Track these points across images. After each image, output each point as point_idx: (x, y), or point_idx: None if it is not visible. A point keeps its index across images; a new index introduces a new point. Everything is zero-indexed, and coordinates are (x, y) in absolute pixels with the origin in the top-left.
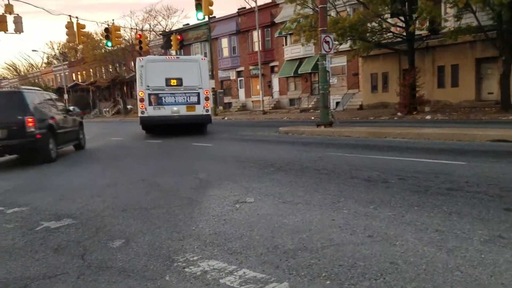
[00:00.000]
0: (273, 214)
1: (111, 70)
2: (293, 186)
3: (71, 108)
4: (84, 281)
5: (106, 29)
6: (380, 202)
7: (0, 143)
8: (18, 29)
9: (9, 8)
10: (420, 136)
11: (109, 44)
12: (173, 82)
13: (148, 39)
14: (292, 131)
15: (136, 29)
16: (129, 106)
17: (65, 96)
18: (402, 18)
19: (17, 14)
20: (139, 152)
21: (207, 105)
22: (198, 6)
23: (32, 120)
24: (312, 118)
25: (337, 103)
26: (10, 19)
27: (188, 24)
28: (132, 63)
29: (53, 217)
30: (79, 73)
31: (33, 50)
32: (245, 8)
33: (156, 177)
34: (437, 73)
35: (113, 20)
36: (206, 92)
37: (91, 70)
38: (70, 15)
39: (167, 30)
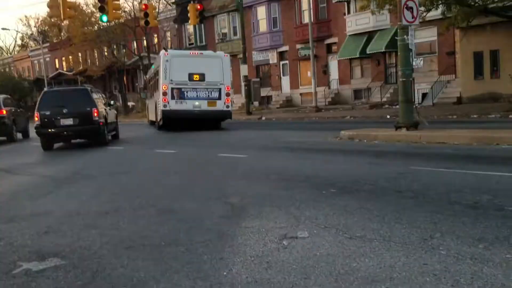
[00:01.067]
0: (336, 254)
1: (106, 54)
2: (364, 214)
3: (111, 102)
4: None
5: None
6: (494, 239)
7: (73, 129)
8: None
9: None
10: None
11: (104, 18)
12: (196, 77)
13: (157, 10)
14: (360, 135)
15: None
16: (130, 103)
17: (46, 90)
18: None
19: None
20: (146, 167)
21: (228, 100)
22: None
23: (97, 110)
24: (388, 117)
25: (424, 95)
26: None
27: None
28: (135, 44)
29: (35, 256)
30: (64, 59)
31: (2, 29)
32: None
33: (171, 201)
34: None
35: None
36: (228, 88)
37: (79, 55)
38: None
39: None
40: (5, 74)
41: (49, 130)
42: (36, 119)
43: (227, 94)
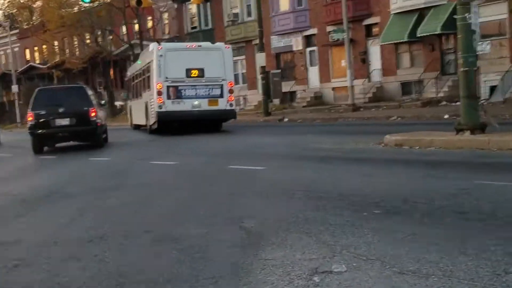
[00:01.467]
0: None
1: (89, 42)
2: (418, 242)
3: (102, 102)
4: None
5: None
6: None
7: (69, 129)
8: None
9: None
10: None
11: None
12: (194, 73)
13: None
14: (410, 141)
15: None
16: (118, 103)
17: (14, 88)
18: None
19: None
20: (140, 182)
21: (231, 98)
22: None
23: (94, 110)
24: (446, 117)
25: (493, 89)
26: None
27: None
28: (124, 29)
29: None
30: (36, 49)
31: None
32: None
33: (170, 226)
34: None
35: None
36: (230, 84)
37: (56, 44)
38: None
39: None
40: None
41: (44, 130)
42: (29, 119)
43: (230, 91)
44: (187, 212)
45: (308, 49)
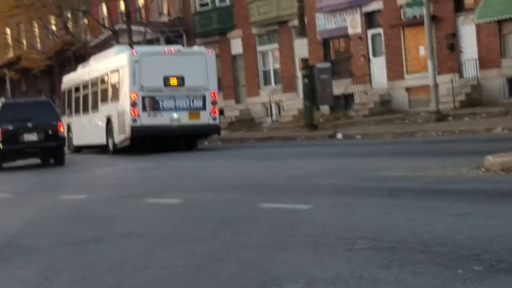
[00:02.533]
0: None
1: (55, 29)
2: None
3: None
4: None
5: None
6: None
7: (38, 145)
8: None
9: None
10: None
11: None
12: (173, 81)
13: None
14: None
15: None
16: None
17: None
18: None
19: None
20: (130, 230)
21: (214, 111)
22: None
23: (61, 124)
24: None
25: None
26: None
27: None
28: (104, 10)
29: None
30: None
31: None
32: None
33: None
34: None
35: None
36: (214, 95)
37: (7, 33)
38: None
39: None
40: None
41: (12, 146)
42: None
43: (213, 103)
44: (202, 276)
45: (370, 31)
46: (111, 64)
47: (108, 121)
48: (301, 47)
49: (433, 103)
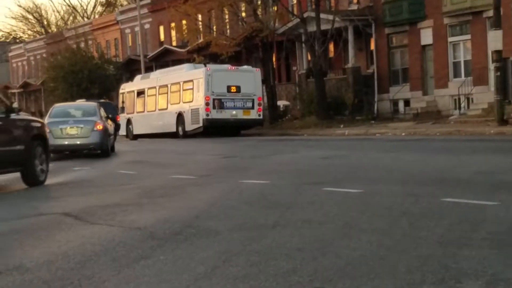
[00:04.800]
0: None
1: (244, 17)
2: None
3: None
4: None
5: None
6: None
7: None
8: None
9: None
10: None
11: None
12: (233, 89)
13: None
14: None
15: None
16: (282, 103)
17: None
18: None
19: None
20: (308, 216)
21: (260, 109)
22: None
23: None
24: None
25: None
26: None
27: None
28: None
29: None
30: (173, 25)
31: None
32: None
33: (351, 283)
34: None
35: None
36: (259, 99)
37: (199, 19)
38: None
39: None
40: (79, 52)
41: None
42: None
43: (259, 104)
44: (378, 268)
45: None
46: (185, 76)
47: (179, 115)
48: (495, 39)
49: None
